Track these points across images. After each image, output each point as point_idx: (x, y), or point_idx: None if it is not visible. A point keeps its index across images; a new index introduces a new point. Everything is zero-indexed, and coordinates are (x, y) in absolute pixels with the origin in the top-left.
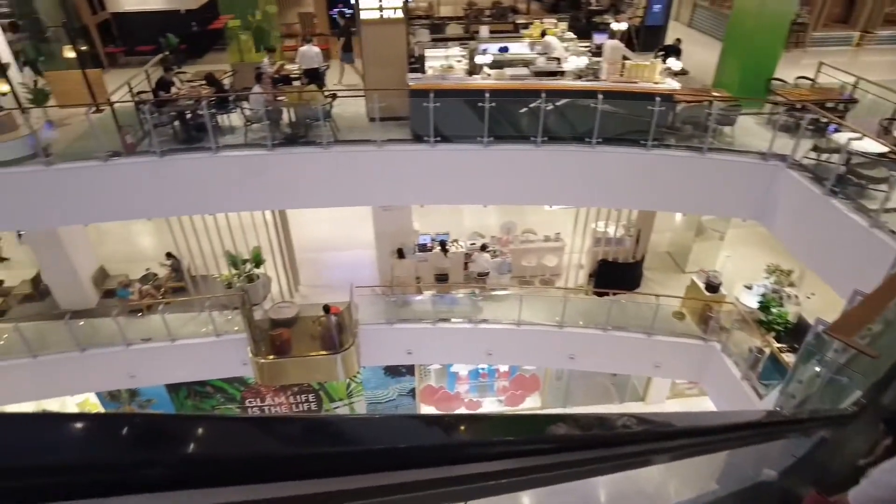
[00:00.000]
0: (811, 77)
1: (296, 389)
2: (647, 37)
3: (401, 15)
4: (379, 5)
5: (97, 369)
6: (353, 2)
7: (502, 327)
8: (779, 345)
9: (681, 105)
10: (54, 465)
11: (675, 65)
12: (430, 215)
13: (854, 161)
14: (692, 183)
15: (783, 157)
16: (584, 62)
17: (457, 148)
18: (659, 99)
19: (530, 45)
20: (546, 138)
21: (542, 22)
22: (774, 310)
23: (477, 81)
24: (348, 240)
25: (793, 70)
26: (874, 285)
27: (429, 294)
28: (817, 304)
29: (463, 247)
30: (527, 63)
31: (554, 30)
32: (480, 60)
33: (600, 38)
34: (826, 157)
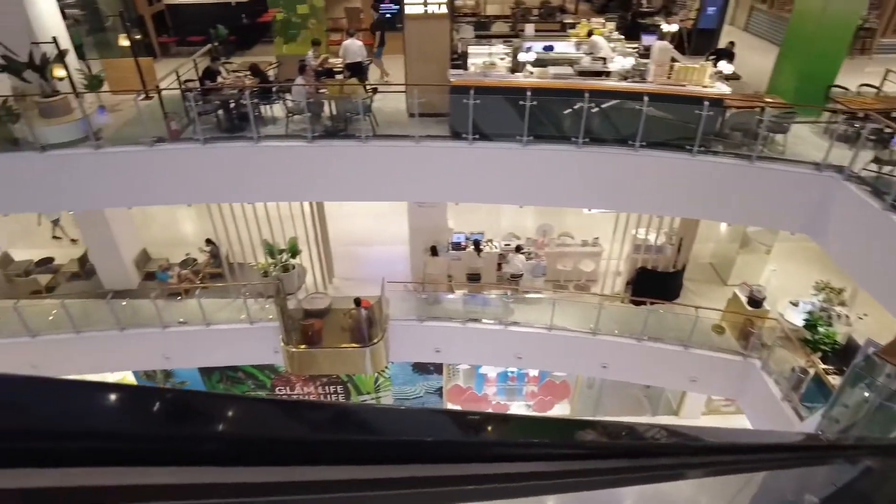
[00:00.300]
0: (876, 85)
1: (325, 380)
2: (698, 40)
3: (445, 10)
4: (423, 0)
5: (134, 348)
6: None
7: (533, 331)
8: (825, 366)
9: (731, 111)
10: (93, 430)
11: (727, 68)
12: (467, 214)
13: None
14: (739, 192)
15: (840, 169)
16: (630, 63)
17: (495, 146)
18: (707, 103)
19: (576, 44)
20: (587, 140)
21: (588, 21)
22: (822, 329)
23: (519, 79)
24: (383, 235)
25: (856, 77)
26: None
27: (460, 293)
28: (870, 325)
29: (497, 247)
30: (571, 62)
31: (601, 30)
32: (523, 58)
33: (649, 40)
34: (889, 169)
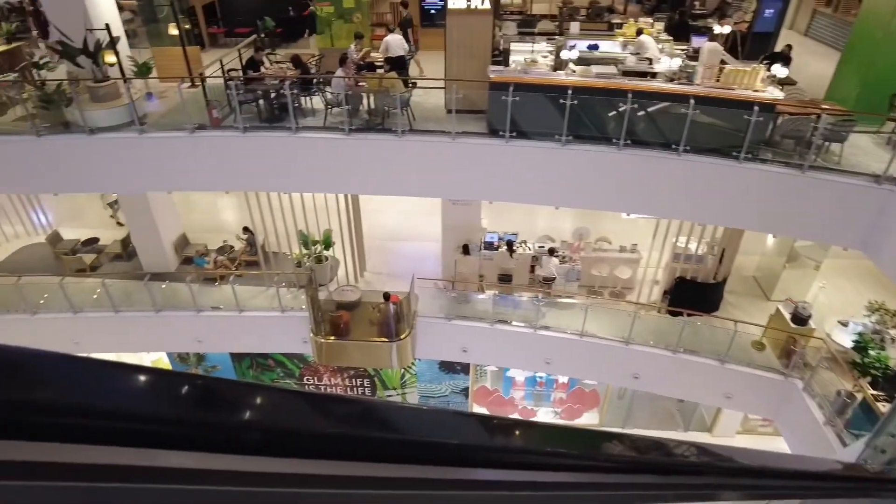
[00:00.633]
0: None
1: (352, 373)
2: (753, 44)
3: (488, 6)
4: None
5: (168, 330)
6: None
7: (564, 336)
8: (874, 392)
9: (783, 117)
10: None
11: (781, 72)
12: (503, 214)
13: None
14: (788, 203)
15: None
16: (677, 64)
17: (532, 145)
18: (757, 108)
19: (623, 44)
20: (629, 141)
21: (636, 21)
22: (873, 352)
23: (560, 77)
24: (417, 231)
25: None
26: None
27: (490, 293)
28: None
29: (531, 249)
30: (616, 62)
31: (650, 29)
32: (566, 55)
33: (699, 41)
34: None
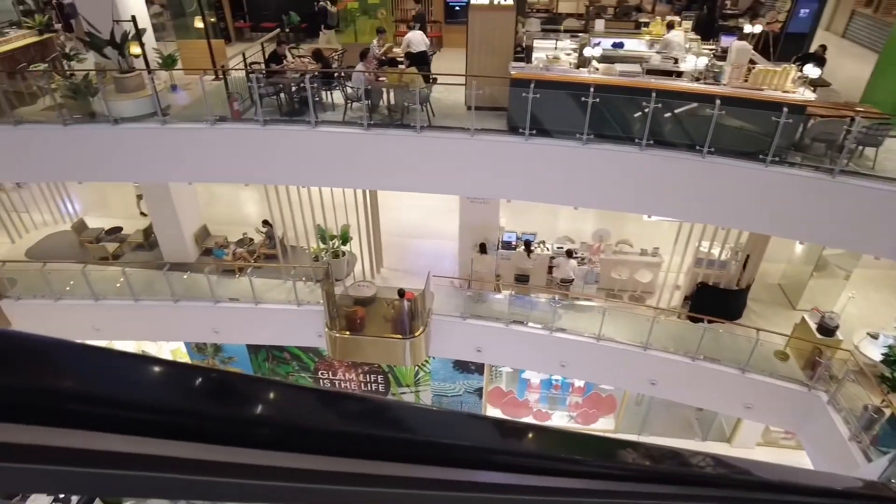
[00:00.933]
0: None
1: (366, 369)
2: (787, 45)
3: (511, 2)
4: None
5: (186, 320)
6: None
7: (580, 339)
8: None
9: (815, 119)
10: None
11: (813, 72)
12: (524, 214)
13: None
14: (816, 209)
15: None
16: (703, 63)
17: (553, 143)
18: (787, 110)
19: (649, 42)
20: (651, 142)
21: (663, 20)
22: None
23: (582, 75)
24: (435, 229)
25: None
26: None
27: (506, 293)
28: None
29: (549, 249)
30: (640, 60)
31: (679, 27)
32: (589, 53)
33: (728, 41)
34: None
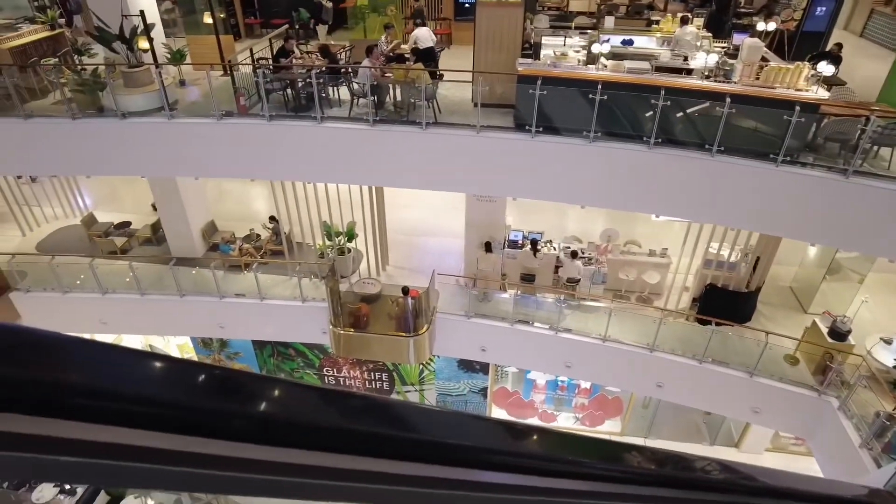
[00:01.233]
0: None
1: (371, 366)
2: (802, 44)
3: None
4: None
5: (192, 315)
6: None
7: (586, 340)
8: None
9: (828, 118)
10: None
11: (826, 69)
12: (533, 213)
13: None
14: (829, 210)
15: None
16: (713, 60)
17: (559, 140)
18: (799, 108)
19: (660, 39)
20: (660, 140)
21: (674, 17)
22: None
23: (590, 72)
24: (442, 227)
25: None
26: None
27: (512, 293)
28: None
29: (556, 249)
30: (650, 57)
31: (691, 23)
32: (597, 50)
33: (740, 38)
34: None
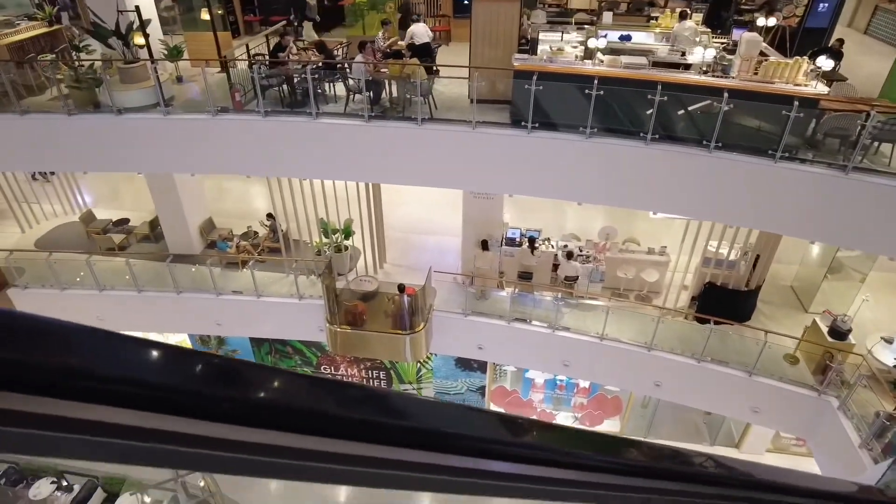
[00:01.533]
0: None
1: (368, 364)
2: (804, 40)
3: None
4: None
5: (189, 312)
6: None
7: (584, 339)
8: None
9: (827, 114)
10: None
11: (826, 64)
12: (533, 211)
13: None
14: (829, 207)
15: None
16: (711, 55)
17: (555, 136)
18: (797, 103)
19: (659, 35)
20: (657, 136)
21: (672, 12)
22: None
23: (586, 67)
24: (440, 225)
25: None
26: None
27: (509, 291)
28: None
29: (554, 247)
30: (648, 52)
31: (690, 18)
32: (594, 45)
33: (740, 33)
34: None
